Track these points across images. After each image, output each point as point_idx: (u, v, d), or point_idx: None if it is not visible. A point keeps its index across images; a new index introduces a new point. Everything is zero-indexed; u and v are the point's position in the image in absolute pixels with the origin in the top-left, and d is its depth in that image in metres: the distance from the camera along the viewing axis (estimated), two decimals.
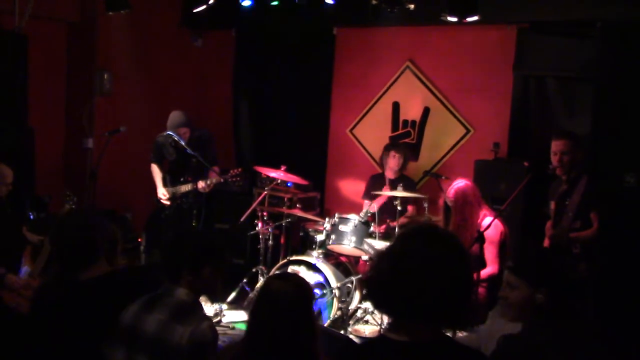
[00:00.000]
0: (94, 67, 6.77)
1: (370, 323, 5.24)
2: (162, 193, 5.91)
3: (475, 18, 5.02)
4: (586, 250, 4.09)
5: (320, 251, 5.53)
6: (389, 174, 6.09)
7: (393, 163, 6.04)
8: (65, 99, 6.93)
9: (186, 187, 5.82)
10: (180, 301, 2.55)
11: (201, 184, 5.67)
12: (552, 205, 4.43)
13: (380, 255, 1.90)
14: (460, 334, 3.29)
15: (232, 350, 2.47)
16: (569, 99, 5.74)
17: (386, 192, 5.56)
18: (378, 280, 1.85)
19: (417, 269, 1.75)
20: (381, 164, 6.23)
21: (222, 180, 5.62)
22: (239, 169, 5.70)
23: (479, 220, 4.55)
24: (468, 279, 1.81)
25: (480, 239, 4.07)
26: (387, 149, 6.16)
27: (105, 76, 6.80)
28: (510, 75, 6.00)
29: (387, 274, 1.80)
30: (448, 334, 1.86)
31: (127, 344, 2.55)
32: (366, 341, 2.06)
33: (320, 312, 5.16)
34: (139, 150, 6.73)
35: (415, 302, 1.74)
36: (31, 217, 5.17)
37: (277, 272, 5.29)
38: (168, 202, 5.91)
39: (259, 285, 5.75)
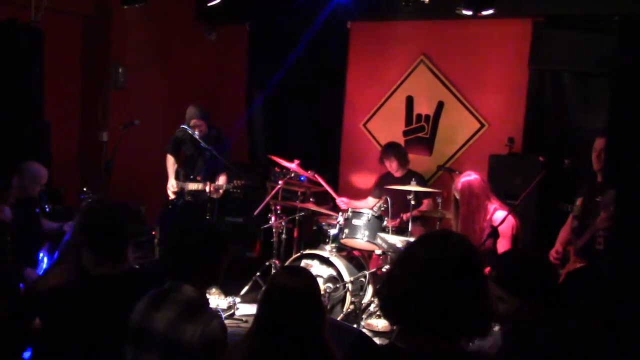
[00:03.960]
0: (109, 61, 6.81)
1: (383, 317, 5.23)
2: (172, 185, 5.95)
3: (491, 12, 4.98)
4: (609, 246, 4.04)
5: (333, 245, 5.54)
6: (396, 174, 6.08)
7: (391, 168, 6.09)
8: (80, 92, 6.97)
9: (194, 186, 5.85)
10: (188, 298, 2.53)
11: (210, 188, 5.73)
12: (579, 202, 4.37)
13: (392, 266, 1.88)
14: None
15: (241, 343, 2.46)
16: (585, 94, 5.69)
17: (400, 187, 5.54)
18: (389, 294, 1.83)
19: (427, 280, 1.73)
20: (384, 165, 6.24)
21: (224, 188, 5.72)
22: (242, 181, 5.74)
23: (489, 215, 4.52)
24: (479, 288, 1.77)
25: (494, 233, 4.06)
26: (380, 157, 6.19)
27: (120, 70, 6.84)
28: (525, 69, 5.96)
29: (398, 286, 1.79)
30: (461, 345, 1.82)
31: (136, 343, 2.54)
32: (377, 348, 2.03)
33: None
34: (153, 144, 6.77)
35: (426, 314, 1.72)
36: (47, 209, 5.23)
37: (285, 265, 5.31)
38: (173, 196, 5.95)
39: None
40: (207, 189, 5.73)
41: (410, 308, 1.75)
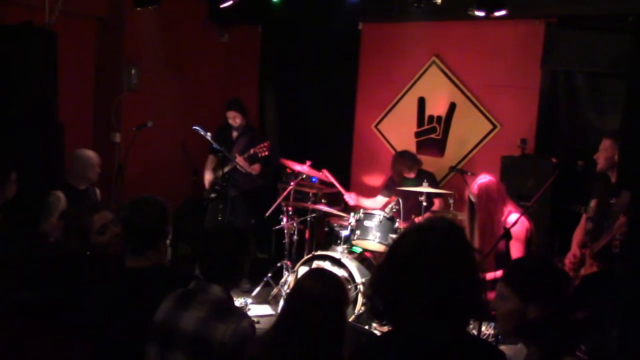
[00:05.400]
0: (122, 63, 6.84)
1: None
2: (207, 176, 6.38)
3: (503, 13, 4.96)
4: (624, 249, 4.01)
5: (345, 246, 5.54)
6: (408, 176, 6.06)
7: (408, 175, 6.07)
8: (93, 94, 7.01)
9: (225, 168, 6.04)
10: (217, 298, 2.57)
11: (238, 159, 5.98)
12: (593, 203, 4.34)
13: (381, 260, 1.86)
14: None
15: (259, 341, 2.47)
16: (599, 95, 5.65)
17: (412, 188, 5.54)
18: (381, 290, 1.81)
19: (412, 270, 1.71)
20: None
21: (251, 152, 5.98)
22: (267, 142, 6.01)
23: (503, 217, 4.49)
24: (468, 279, 1.74)
25: (507, 235, 4.03)
26: (393, 169, 6.17)
27: (133, 71, 6.87)
28: (538, 70, 5.93)
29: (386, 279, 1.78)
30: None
31: (161, 342, 2.56)
32: (385, 333, 2.01)
33: None
34: (166, 145, 6.81)
35: (415, 304, 1.70)
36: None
37: (310, 267, 5.29)
38: (207, 186, 6.34)
39: (283, 280, 5.78)
40: (237, 160, 5.95)
41: (395, 298, 1.73)
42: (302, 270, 5.31)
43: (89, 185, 5.09)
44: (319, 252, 5.51)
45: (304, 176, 6.19)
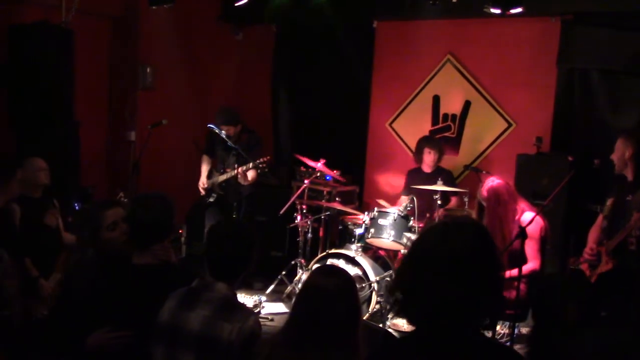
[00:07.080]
0: (137, 61, 6.87)
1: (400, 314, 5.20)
2: (202, 182, 6.08)
3: (519, 10, 4.94)
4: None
5: (359, 244, 5.53)
6: (426, 169, 6.04)
7: (429, 159, 6.02)
8: (108, 92, 7.05)
9: (223, 177, 5.94)
10: (222, 296, 2.55)
11: (239, 171, 5.73)
12: (609, 202, 4.31)
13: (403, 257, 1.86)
14: None
15: (271, 341, 2.46)
16: (615, 93, 5.61)
17: (427, 186, 5.52)
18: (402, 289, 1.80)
19: (431, 270, 1.69)
20: (417, 158, 6.17)
21: (251, 166, 5.65)
22: (267, 157, 5.71)
23: (517, 216, 4.46)
24: (486, 279, 1.71)
25: (522, 234, 4.00)
26: (420, 145, 6.13)
27: (148, 70, 6.90)
28: (553, 68, 5.89)
29: (408, 280, 1.76)
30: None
31: (167, 342, 2.55)
32: (404, 336, 2.00)
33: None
34: (180, 143, 6.84)
35: (431, 304, 1.68)
36: (76, 207, 5.30)
37: (320, 265, 5.29)
38: (203, 192, 6.09)
39: (297, 278, 5.79)
40: (235, 172, 5.76)
41: (414, 298, 1.72)
42: None
43: (42, 191, 4.57)
44: (333, 250, 5.51)
45: (318, 174, 6.19)
